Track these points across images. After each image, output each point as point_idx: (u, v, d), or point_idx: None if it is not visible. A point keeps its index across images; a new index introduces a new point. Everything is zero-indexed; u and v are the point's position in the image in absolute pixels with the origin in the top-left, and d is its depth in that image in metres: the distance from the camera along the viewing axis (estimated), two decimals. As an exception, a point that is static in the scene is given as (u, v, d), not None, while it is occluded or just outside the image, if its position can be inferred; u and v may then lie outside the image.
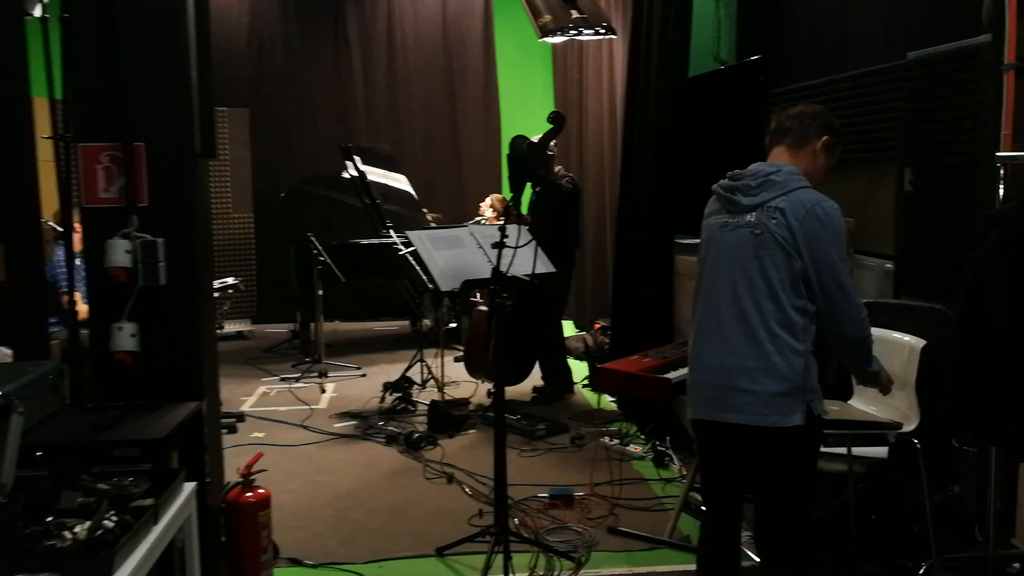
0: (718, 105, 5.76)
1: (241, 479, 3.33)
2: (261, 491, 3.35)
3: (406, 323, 8.67)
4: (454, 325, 7.93)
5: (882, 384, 2.70)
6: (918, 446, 3.04)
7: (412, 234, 4.44)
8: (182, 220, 3.07)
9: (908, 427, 3.06)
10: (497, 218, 6.91)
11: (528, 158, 3.12)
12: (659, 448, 4.76)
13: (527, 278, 3.45)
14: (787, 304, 2.47)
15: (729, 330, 2.53)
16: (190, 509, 2.52)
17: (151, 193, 3.03)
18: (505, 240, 3.20)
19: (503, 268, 3.18)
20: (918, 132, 4.16)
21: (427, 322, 7.82)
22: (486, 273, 3.36)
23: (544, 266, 4.37)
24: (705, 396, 2.60)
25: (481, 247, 4.21)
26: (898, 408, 3.24)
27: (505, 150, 3.70)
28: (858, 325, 2.51)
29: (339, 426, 5.55)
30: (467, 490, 4.42)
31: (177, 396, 3.00)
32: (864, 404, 3.29)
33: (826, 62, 5.30)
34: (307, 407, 5.98)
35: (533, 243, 3.28)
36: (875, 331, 2.73)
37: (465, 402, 5.69)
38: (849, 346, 2.58)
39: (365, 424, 5.52)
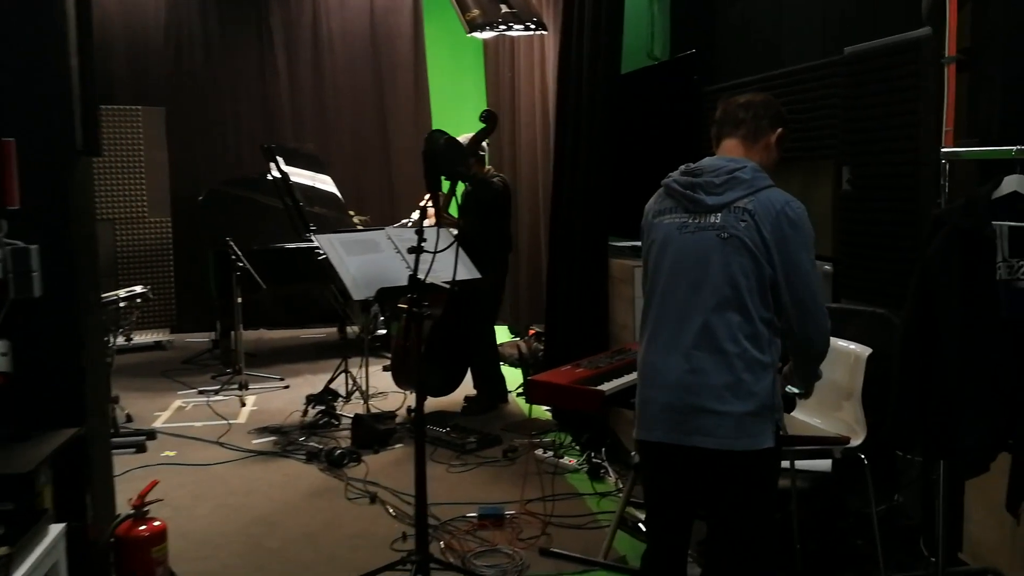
0: (652, 102, 5.59)
1: (132, 511, 3.01)
2: (156, 523, 3.04)
3: (334, 330, 8.34)
4: (383, 332, 7.64)
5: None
6: (865, 462, 2.87)
7: (322, 238, 4.12)
8: (59, 224, 2.76)
9: (855, 441, 2.87)
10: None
11: (447, 154, 2.86)
12: (595, 460, 4.54)
13: (447, 285, 3.19)
14: (755, 315, 2.26)
15: (691, 343, 2.27)
16: (59, 554, 2.21)
17: (23, 194, 2.71)
18: (423, 244, 2.93)
19: (421, 274, 2.91)
20: (856, 129, 4.02)
21: (354, 329, 7.51)
22: (404, 280, 3.09)
23: (467, 272, 4.12)
24: (665, 417, 2.31)
25: (399, 252, 3.93)
26: (844, 421, 3.06)
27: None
28: (824, 335, 2.34)
29: (257, 442, 5.23)
30: (391, 511, 4.15)
31: (56, 421, 2.69)
32: (808, 416, 3.11)
33: (761, 58, 5.16)
34: (225, 422, 5.64)
35: (454, 247, 3.01)
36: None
37: (391, 415, 5.41)
38: (813, 356, 2.40)
39: (285, 440, 5.20)
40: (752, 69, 5.14)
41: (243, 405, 6.05)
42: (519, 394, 6.15)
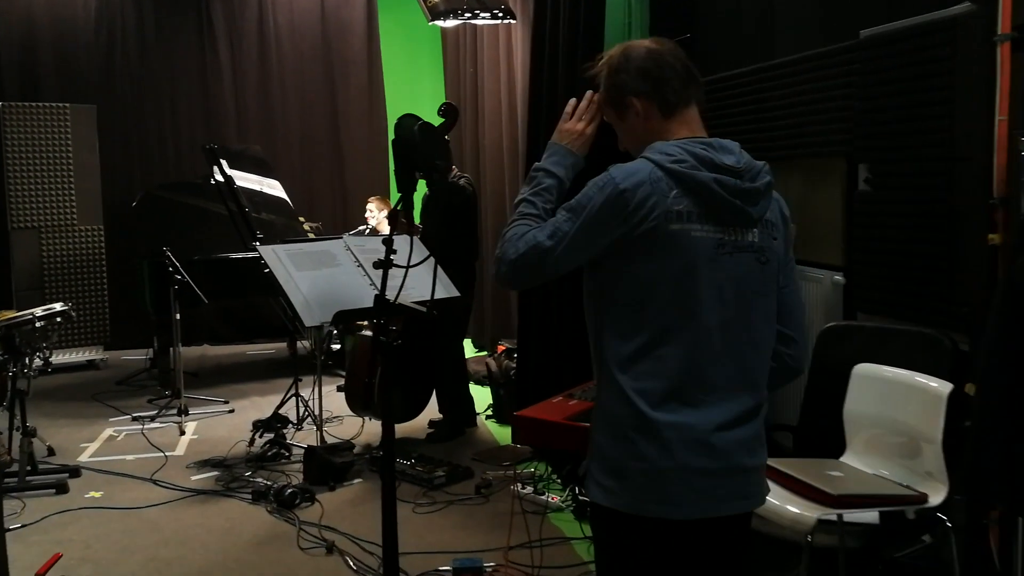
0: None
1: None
2: (59, 606, 2.46)
3: (284, 345, 7.74)
4: (337, 347, 7.07)
5: None
6: (949, 525, 2.38)
7: (265, 250, 3.48)
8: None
9: (934, 499, 2.38)
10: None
11: (423, 145, 2.29)
12: (581, 497, 4.03)
13: (422, 308, 2.65)
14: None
15: (735, 395, 1.76)
16: None
17: None
18: (392, 257, 2.38)
19: (390, 295, 2.35)
20: (875, 122, 3.57)
21: (305, 344, 6.91)
22: (367, 300, 2.52)
23: (445, 290, 3.56)
24: (705, 488, 1.73)
25: (361, 266, 3.35)
26: (915, 472, 2.52)
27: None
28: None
29: (197, 479, 4.63)
30: (351, 563, 3.59)
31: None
32: (863, 463, 2.56)
33: (753, 47, 4.70)
34: (161, 454, 5.03)
35: (432, 261, 2.45)
36: (887, 372, 2.06)
37: (349, 445, 4.84)
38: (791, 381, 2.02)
39: (228, 475, 4.61)
40: (743, 59, 4.68)
41: (182, 433, 5.45)
42: (488, 416, 5.63)
